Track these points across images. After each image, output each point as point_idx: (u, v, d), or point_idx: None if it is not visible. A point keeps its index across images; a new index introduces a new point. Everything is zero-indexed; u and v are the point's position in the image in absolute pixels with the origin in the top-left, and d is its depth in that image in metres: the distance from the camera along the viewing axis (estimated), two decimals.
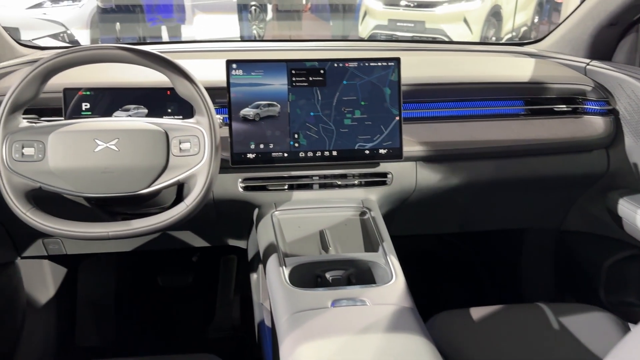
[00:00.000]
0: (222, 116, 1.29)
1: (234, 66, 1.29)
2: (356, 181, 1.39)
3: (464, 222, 1.75)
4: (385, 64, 1.34)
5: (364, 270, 1.18)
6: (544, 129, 1.50)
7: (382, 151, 1.35)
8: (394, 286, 1.10)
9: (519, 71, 1.62)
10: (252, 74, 1.30)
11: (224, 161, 1.27)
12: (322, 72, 1.33)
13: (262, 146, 1.31)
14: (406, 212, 1.53)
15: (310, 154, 1.33)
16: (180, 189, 1.25)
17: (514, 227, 1.85)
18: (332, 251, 1.27)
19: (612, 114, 1.55)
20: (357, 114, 1.34)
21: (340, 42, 2.41)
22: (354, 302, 1.05)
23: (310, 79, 1.32)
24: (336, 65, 1.33)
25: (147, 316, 2.13)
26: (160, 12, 5.76)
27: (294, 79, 1.32)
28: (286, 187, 1.37)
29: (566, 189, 1.65)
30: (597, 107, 1.55)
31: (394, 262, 1.16)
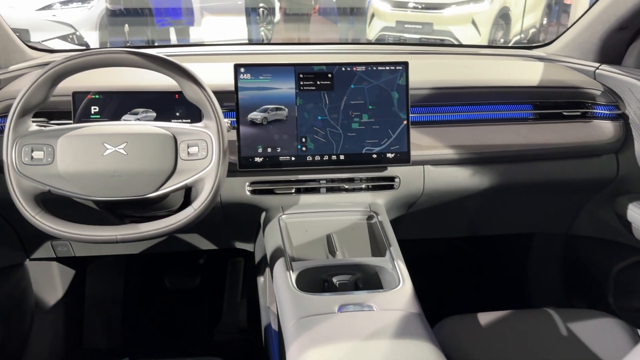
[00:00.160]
0: (230, 120, 1.29)
1: (242, 70, 1.29)
2: (363, 185, 1.39)
3: (472, 226, 1.74)
4: (393, 68, 1.34)
5: (371, 275, 1.18)
6: (553, 133, 1.50)
7: (389, 155, 1.35)
8: (402, 291, 1.09)
9: (527, 75, 1.61)
10: (260, 77, 1.30)
11: (232, 165, 1.27)
12: (329, 76, 1.33)
13: (269, 150, 1.31)
14: (414, 216, 1.52)
15: (317, 158, 1.33)
16: (188, 192, 1.26)
17: (522, 232, 1.84)
18: (339, 255, 1.27)
19: (621, 118, 1.54)
20: (365, 118, 1.34)
21: (348, 46, 2.41)
22: (361, 307, 1.04)
23: (318, 82, 1.32)
24: (344, 69, 1.33)
25: (154, 318, 2.14)
26: (168, 14, 5.79)
27: (301, 83, 1.32)
28: (293, 190, 1.37)
29: (575, 193, 1.64)
30: (606, 111, 1.54)
31: (401, 267, 1.16)
